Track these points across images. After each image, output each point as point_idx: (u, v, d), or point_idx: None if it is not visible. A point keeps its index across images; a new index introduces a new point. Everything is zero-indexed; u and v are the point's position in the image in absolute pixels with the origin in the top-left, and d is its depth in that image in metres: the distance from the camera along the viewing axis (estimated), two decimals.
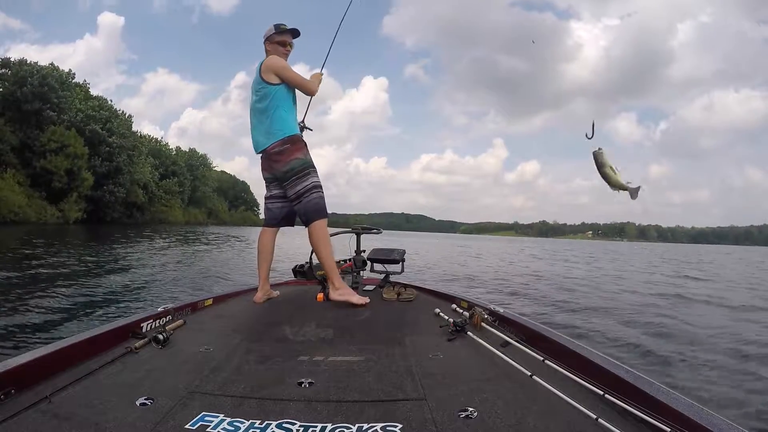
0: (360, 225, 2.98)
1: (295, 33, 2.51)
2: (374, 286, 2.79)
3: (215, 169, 65.02)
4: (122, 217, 38.96)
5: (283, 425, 1.00)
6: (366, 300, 2.28)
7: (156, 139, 54.23)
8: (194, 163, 59.44)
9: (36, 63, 32.57)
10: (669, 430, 0.92)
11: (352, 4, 2.79)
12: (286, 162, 2.33)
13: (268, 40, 2.47)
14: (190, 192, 55.98)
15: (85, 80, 38.78)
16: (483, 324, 1.77)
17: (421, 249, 19.37)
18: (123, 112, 41.22)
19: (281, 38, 2.46)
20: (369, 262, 2.91)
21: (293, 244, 7.75)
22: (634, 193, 1.57)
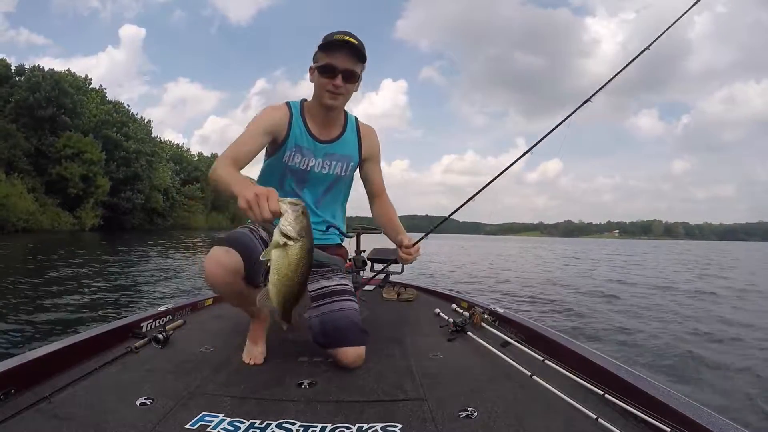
0: (360, 225, 2.97)
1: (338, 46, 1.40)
2: (374, 286, 2.78)
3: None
4: (143, 223, 38.44)
5: (283, 425, 1.00)
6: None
7: (177, 144, 54.35)
8: None
9: (52, 69, 32.40)
10: (669, 430, 0.92)
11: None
12: None
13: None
14: (212, 197, 55.43)
15: (101, 85, 38.52)
16: (483, 324, 1.77)
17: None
18: (142, 117, 40.97)
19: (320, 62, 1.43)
20: (369, 262, 2.91)
21: None
22: None
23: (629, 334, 3.99)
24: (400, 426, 1.00)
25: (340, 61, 1.40)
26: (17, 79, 31.11)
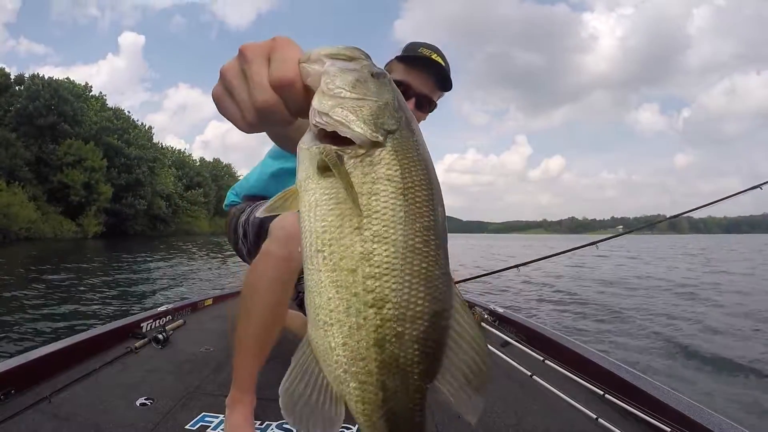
0: None
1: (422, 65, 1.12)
2: None
3: (240, 178, 64.55)
4: (145, 229, 38.27)
5: (283, 425, 1.01)
6: None
7: (179, 150, 54.00)
8: (219, 173, 59.02)
9: (51, 77, 32.33)
10: (669, 430, 0.92)
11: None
12: None
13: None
14: (215, 202, 55.00)
15: (101, 92, 38.42)
16: (483, 324, 1.77)
17: None
18: (143, 123, 40.92)
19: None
20: None
21: None
22: None
23: (629, 334, 3.98)
24: None
25: (419, 82, 1.11)
26: (17, 88, 31.02)
